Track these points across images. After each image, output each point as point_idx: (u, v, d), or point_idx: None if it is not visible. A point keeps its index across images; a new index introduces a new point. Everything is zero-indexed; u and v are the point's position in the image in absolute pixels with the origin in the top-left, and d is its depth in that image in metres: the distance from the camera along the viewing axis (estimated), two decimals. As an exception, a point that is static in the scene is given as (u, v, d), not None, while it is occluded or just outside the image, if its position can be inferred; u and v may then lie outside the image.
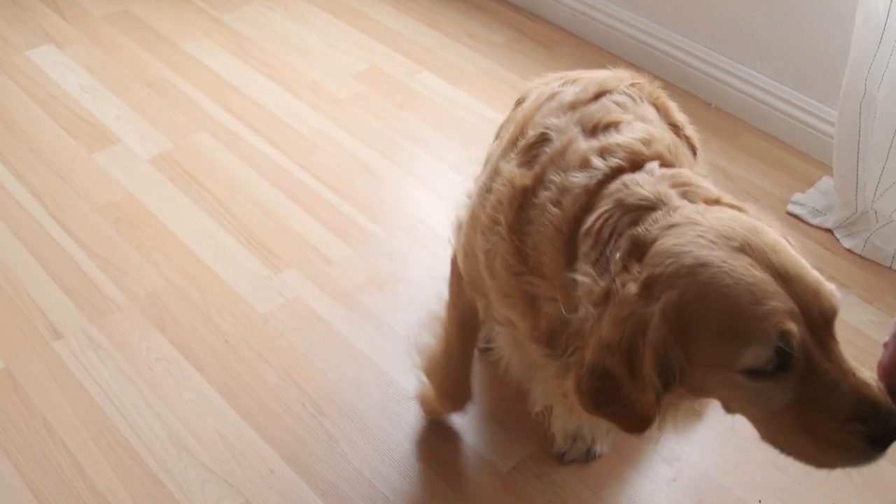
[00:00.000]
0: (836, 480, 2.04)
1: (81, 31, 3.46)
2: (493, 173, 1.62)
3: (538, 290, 1.49)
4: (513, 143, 1.61)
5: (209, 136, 2.99)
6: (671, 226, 1.31)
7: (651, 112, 1.63)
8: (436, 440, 2.14)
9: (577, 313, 1.36)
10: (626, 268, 1.30)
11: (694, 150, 1.73)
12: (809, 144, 2.93)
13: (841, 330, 2.38)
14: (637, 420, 1.33)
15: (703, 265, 1.25)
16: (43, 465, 2.06)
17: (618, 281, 1.29)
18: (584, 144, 1.50)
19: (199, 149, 2.94)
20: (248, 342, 2.34)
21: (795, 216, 2.74)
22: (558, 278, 1.43)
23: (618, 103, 1.59)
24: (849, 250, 2.62)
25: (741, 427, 2.15)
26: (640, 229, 1.32)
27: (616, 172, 1.44)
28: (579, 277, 1.36)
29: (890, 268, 2.57)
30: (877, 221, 2.59)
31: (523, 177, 1.52)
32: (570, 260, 1.41)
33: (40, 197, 2.74)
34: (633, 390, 1.29)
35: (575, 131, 1.53)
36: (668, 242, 1.28)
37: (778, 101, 2.97)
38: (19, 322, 2.37)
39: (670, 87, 3.20)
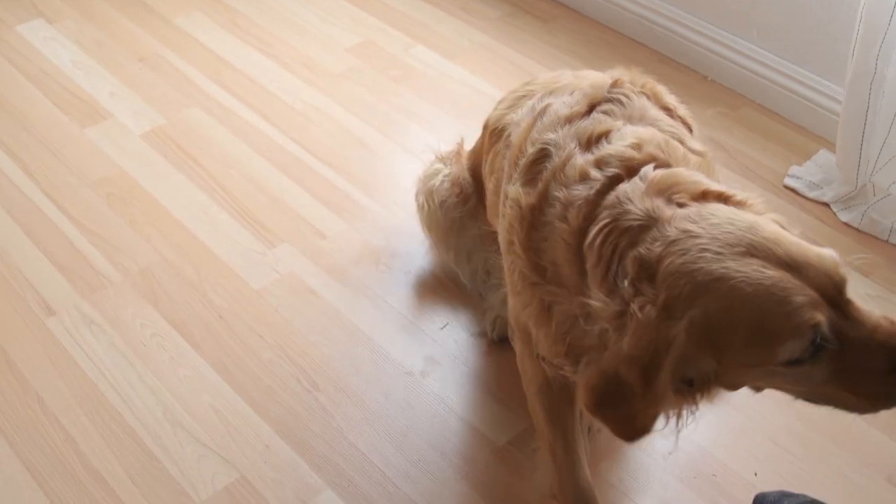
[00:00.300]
0: (832, 454, 2.05)
1: (72, 5, 3.42)
2: (504, 198, 1.68)
3: (556, 297, 1.54)
4: (514, 163, 1.67)
5: (202, 112, 2.97)
6: (671, 242, 1.33)
7: (643, 103, 1.66)
8: (431, 414, 2.13)
9: (593, 326, 1.41)
10: (638, 291, 1.33)
11: (690, 129, 1.74)
12: (807, 118, 2.92)
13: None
14: (633, 430, 1.39)
15: (719, 279, 1.29)
16: (37, 442, 2.05)
17: (634, 305, 1.32)
18: (581, 158, 1.54)
19: (192, 124, 2.92)
20: (242, 317, 2.33)
21: (792, 189, 2.73)
22: (575, 287, 1.48)
23: (606, 112, 1.63)
24: (846, 224, 2.61)
25: (737, 401, 2.15)
26: (642, 250, 1.35)
27: (613, 181, 1.48)
28: (592, 303, 1.40)
29: (887, 241, 2.56)
30: (874, 195, 2.57)
31: (528, 196, 1.57)
32: (583, 270, 1.46)
33: (32, 173, 2.72)
34: (642, 402, 1.33)
35: (572, 146, 1.57)
36: (675, 262, 1.31)
37: (775, 74, 2.95)
38: (12, 299, 2.35)
39: (668, 60, 3.20)
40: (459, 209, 2.24)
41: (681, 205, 1.39)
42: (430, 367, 2.23)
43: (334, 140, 2.88)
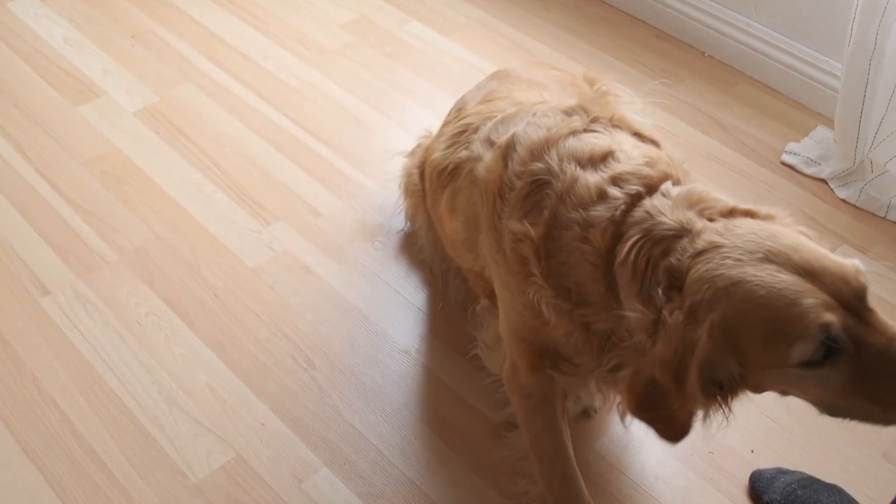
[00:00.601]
0: (829, 431, 2.05)
1: (64, -18, 3.39)
2: (499, 245, 1.73)
3: (589, 317, 1.60)
4: (497, 198, 1.72)
5: (195, 89, 2.95)
6: (699, 253, 1.41)
7: (621, 136, 1.72)
8: (427, 393, 2.13)
9: (631, 339, 1.50)
10: (669, 299, 1.41)
11: (658, 145, 1.78)
12: (805, 94, 2.90)
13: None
14: (675, 429, 1.48)
15: (736, 283, 1.36)
16: (33, 422, 2.05)
17: (665, 312, 1.40)
18: (593, 178, 1.59)
19: (186, 101, 2.90)
20: (237, 296, 2.32)
21: (789, 166, 2.72)
22: (604, 303, 1.56)
23: (596, 132, 1.70)
24: (843, 200, 2.61)
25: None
26: (672, 260, 1.43)
27: (636, 199, 1.54)
28: (629, 314, 1.47)
29: (884, 218, 2.55)
30: (872, 171, 2.56)
31: (536, 226, 1.63)
32: (611, 286, 1.53)
33: (25, 152, 2.70)
34: (676, 402, 1.42)
35: (572, 168, 1.62)
36: (700, 270, 1.39)
37: (773, 50, 2.93)
38: (6, 279, 2.34)
39: (665, 37, 3.18)
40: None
41: (711, 219, 1.47)
42: (426, 345, 2.22)
43: (329, 117, 2.86)
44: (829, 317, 1.32)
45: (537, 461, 1.86)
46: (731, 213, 1.49)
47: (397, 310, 2.30)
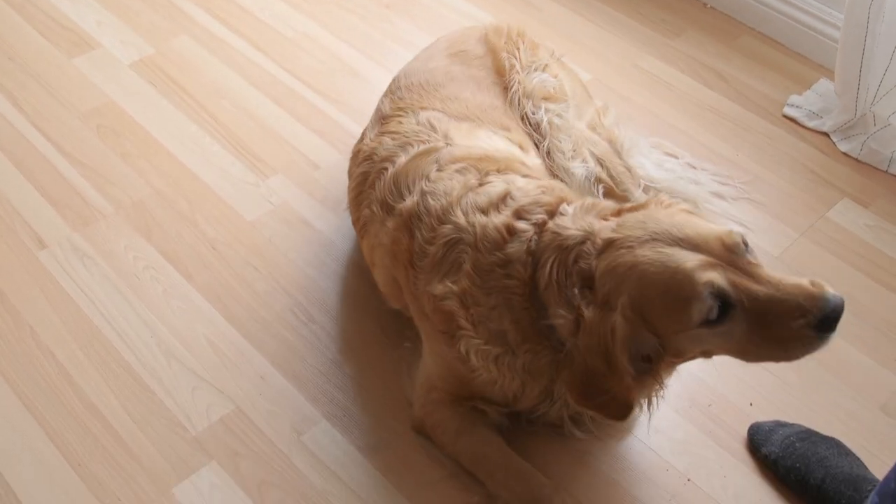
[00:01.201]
0: (827, 384, 2.05)
1: (57, -69, 3.34)
2: (420, 308, 1.84)
3: (533, 350, 1.72)
4: (406, 273, 1.83)
5: (191, 40, 2.91)
6: (601, 251, 1.60)
7: (512, 177, 1.85)
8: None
9: (564, 347, 1.66)
10: (584, 298, 1.59)
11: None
12: (807, 46, 2.87)
13: (837, 235, 2.38)
14: (619, 408, 1.63)
15: (632, 267, 1.56)
16: (32, 376, 2.05)
17: (582, 309, 1.59)
18: (497, 219, 1.73)
19: (182, 53, 2.87)
20: (235, 249, 2.31)
21: (791, 119, 2.69)
22: (540, 333, 1.70)
23: (490, 182, 1.82)
24: (845, 154, 2.59)
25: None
26: (582, 265, 1.61)
27: (542, 226, 1.70)
28: (556, 321, 1.64)
29: (886, 171, 2.54)
30: (874, 125, 2.54)
31: (458, 282, 1.73)
32: (543, 312, 1.67)
33: (20, 105, 2.67)
34: (612, 382, 1.59)
35: (478, 218, 1.75)
36: (602, 266, 1.59)
37: (776, 0, 2.89)
38: (2, 232, 2.33)
39: (666, -15, 3.14)
40: None
41: (605, 219, 1.66)
42: (426, 298, 2.22)
43: (327, 68, 2.83)
44: (711, 274, 1.50)
45: (487, 479, 1.85)
46: (619, 212, 1.68)
47: (396, 263, 2.29)
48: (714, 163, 2.54)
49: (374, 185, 1.98)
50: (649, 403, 1.82)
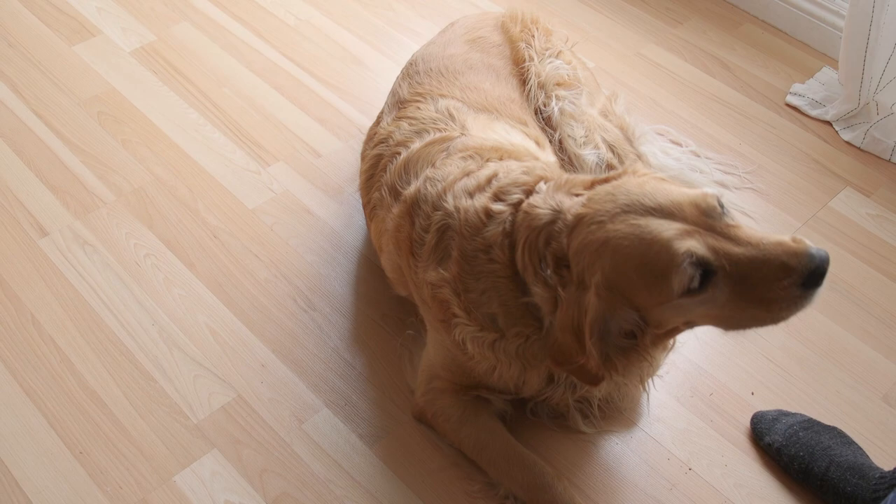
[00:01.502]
0: (829, 374, 2.05)
1: (57, -83, 3.33)
2: (421, 297, 1.84)
3: (525, 332, 1.71)
4: (408, 261, 1.84)
5: (192, 28, 2.90)
6: (572, 229, 1.56)
7: (509, 163, 1.82)
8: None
9: (546, 326, 1.67)
10: (560, 276, 1.58)
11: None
12: (810, 34, 2.86)
13: (839, 224, 2.37)
14: (590, 377, 1.61)
15: (604, 243, 1.51)
16: (33, 363, 2.04)
17: (559, 289, 1.58)
18: (478, 201, 1.71)
19: (183, 40, 2.86)
20: (237, 237, 2.31)
21: (794, 108, 2.68)
22: (521, 312, 1.69)
23: (488, 167, 1.81)
24: (848, 143, 2.58)
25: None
26: (554, 245, 1.58)
27: (518, 206, 1.67)
28: (536, 300, 1.64)
29: (889, 161, 2.53)
30: (877, 114, 2.54)
31: (448, 269, 1.73)
32: (526, 292, 1.66)
33: (20, 92, 2.66)
34: (583, 358, 1.57)
35: (463, 202, 1.73)
36: (575, 243, 1.55)
37: (779, -12, 2.89)
38: (3, 220, 2.33)
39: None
40: None
41: (577, 194, 1.61)
42: (427, 287, 2.21)
43: (328, 56, 2.82)
44: (689, 243, 1.45)
45: (490, 468, 1.85)
46: (591, 184, 1.63)
47: (398, 252, 2.28)
48: (717, 151, 2.54)
49: (385, 168, 1.97)
50: (643, 383, 1.82)
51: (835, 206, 2.41)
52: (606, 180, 1.63)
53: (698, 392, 2.02)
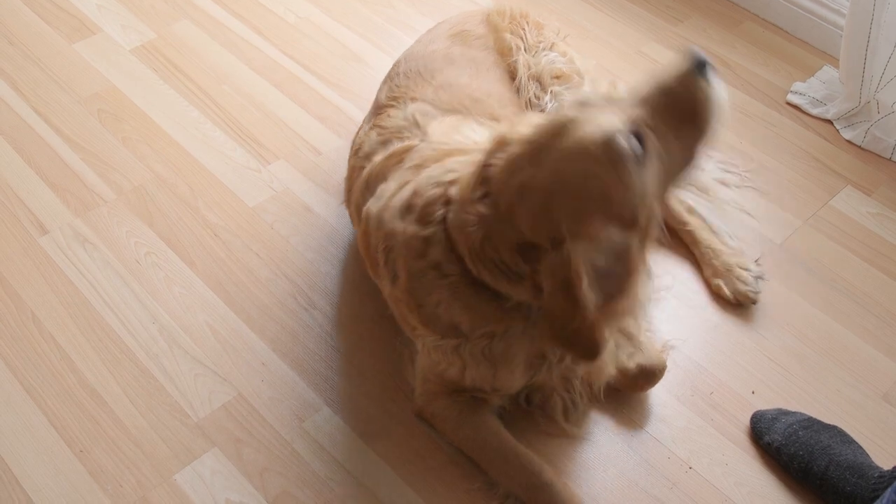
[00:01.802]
0: (830, 372, 2.05)
1: (57, -86, 3.32)
2: (391, 298, 1.84)
3: (506, 322, 1.68)
4: (375, 274, 1.87)
5: (192, 25, 2.90)
6: (485, 214, 1.53)
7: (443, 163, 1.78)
8: (429, 333, 2.12)
9: (532, 312, 1.64)
10: (531, 262, 1.52)
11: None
12: (811, 32, 2.86)
13: (840, 223, 2.37)
14: (586, 347, 1.53)
15: (547, 187, 1.45)
16: (33, 361, 2.04)
17: (538, 270, 1.50)
18: (409, 229, 1.68)
19: (183, 38, 2.86)
20: (237, 235, 2.31)
21: (795, 106, 2.68)
22: (492, 308, 1.66)
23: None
24: (849, 141, 2.58)
25: (734, 319, 2.15)
26: (500, 245, 1.54)
27: (445, 222, 1.65)
28: (516, 299, 1.61)
29: (890, 159, 2.53)
30: (878, 112, 2.53)
31: (399, 287, 1.73)
32: (487, 289, 1.63)
33: (20, 90, 2.66)
34: (577, 319, 1.47)
35: (396, 225, 1.71)
36: (524, 219, 1.49)
37: (780, -13, 2.89)
38: (4, 217, 2.32)
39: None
40: None
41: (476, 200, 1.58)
42: (428, 285, 2.21)
43: (328, 54, 2.82)
44: (605, 123, 1.41)
45: (489, 467, 1.85)
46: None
47: (398, 250, 2.28)
48: (717, 149, 2.54)
49: (354, 182, 1.99)
50: (637, 320, 1.83)
51: (835, 205, 2.41)
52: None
53: (699, 391, 2.02)
